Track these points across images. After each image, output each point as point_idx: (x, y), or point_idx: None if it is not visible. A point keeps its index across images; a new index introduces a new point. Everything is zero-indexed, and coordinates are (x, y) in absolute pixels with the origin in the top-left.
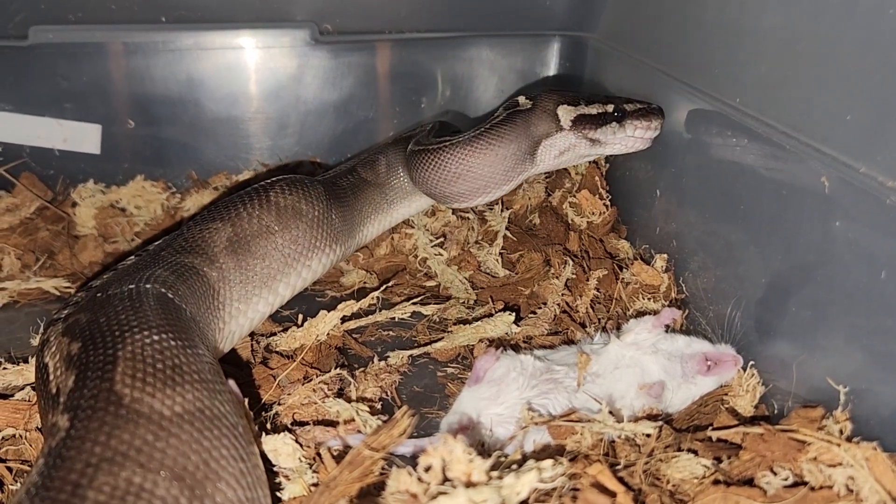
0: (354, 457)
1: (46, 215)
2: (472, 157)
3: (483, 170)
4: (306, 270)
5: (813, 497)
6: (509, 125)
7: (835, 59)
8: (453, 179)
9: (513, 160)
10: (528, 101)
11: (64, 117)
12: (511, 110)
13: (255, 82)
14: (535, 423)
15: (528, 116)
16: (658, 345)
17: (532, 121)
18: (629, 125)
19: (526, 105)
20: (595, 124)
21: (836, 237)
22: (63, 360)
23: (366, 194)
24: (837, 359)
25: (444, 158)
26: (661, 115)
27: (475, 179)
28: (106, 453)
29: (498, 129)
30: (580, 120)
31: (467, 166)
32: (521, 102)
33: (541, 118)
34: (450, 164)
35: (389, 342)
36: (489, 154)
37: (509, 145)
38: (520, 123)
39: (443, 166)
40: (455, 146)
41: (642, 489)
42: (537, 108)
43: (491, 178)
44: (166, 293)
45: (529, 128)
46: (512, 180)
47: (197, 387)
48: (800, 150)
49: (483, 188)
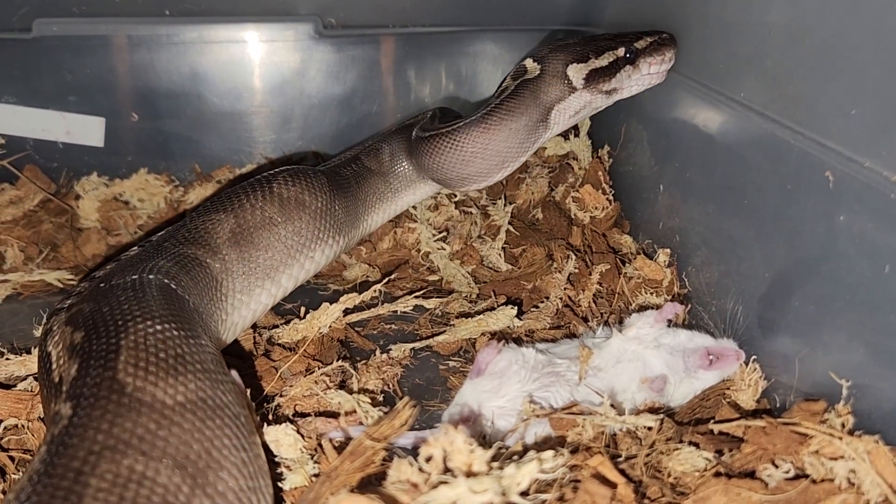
0: (356, 447)
1: (50, 208)
2: (487, 135)
3: (499, 145)
4: (309, 262)
5: (814, 490)
6: (519, 98)
7: (840, 54)
8: (470, 160)
9: (526, 131)
10: (536, 64)
11: (68, 110)
12: (519, 80)
13: (259, 76)
14: (537, 415)
15: (537, 84)
16: (660, 339)
17: (542, 88)
18: (644, 63)
19: (534, 71)
20: (609, 75)
21: (841, 232)
22: (66, 349)
23: (370, 183)
24: (840, 353)
25: (459, 140)
26: (674, 44)
27: (492, 156)
28: (108, 441)
29: (508, 102)
30: (593, 75)
31: (483, 144)
32: (528, 68)
33: (551, 84)
34: (466, 145)
35: (392, 335)
36: (503, 130)
37: (521, 117)
38: (529, 94)
39: (459, 148)
40: (469, 126)
41: (643, 481)
42: (546, 73)
43: (508, 153)
44: (169, 284)
45: (540, 96)
46: (528, 150)
47: (199, 376)
48: (804, 145)
49: (500, 164)
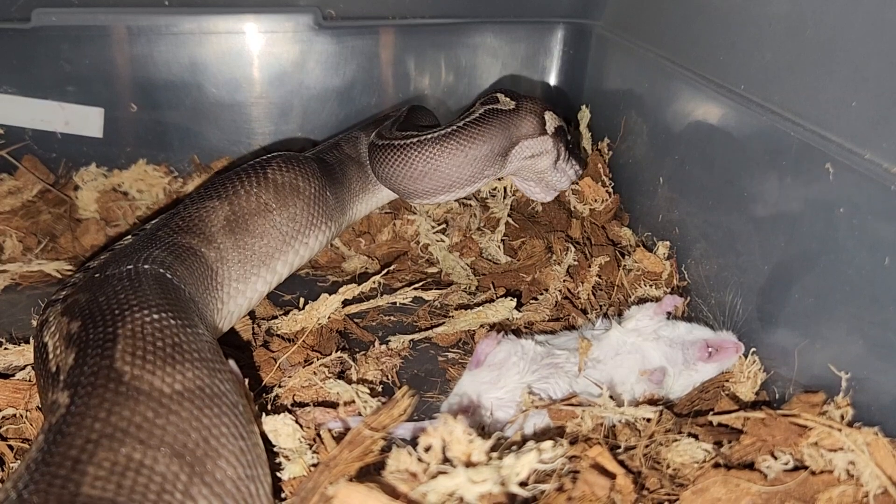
0: (354, 436)
1: (48, 198)
2: (441, 157)
3: (451, 170)
4: (304, 248)
5: (813, 481)
6: (487, 125)
7: (841, 46)
8: (419, 178)
9: (483, 162)
10: (510, 100)
11: (66, 100)
12: (489, 108)
13: (258, 67)
14: (536, 406)
15: (510, 116)
16: (659, 331)
17: (515, 121)
18: (572, 159)
19: (508, 104)
20: (566, 143)
21: (840, 224)
22: (63, 338)
23: (352, 171)
24: (839, 346)
25: (409, 156)
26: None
27: (441, 178)
28: (106, 429)
29: (473, 129)
30: (560, 131)
31: (434, 165)
32: (500, 100)
33: (525, 118)
34: (416, 163)
35: (391, 327)
36: (459, 154)
37: (483, 146)
38: (499, 124)
39: (408, 163)
40: (423, 144)
41: (642, 472)
42: (522, 108)
43: (458, 178)
44: (164, 273)
45: (510, 128)
46: (478, 181)
47: (197, 365)
48: (804, 137)
49: (448, 187)
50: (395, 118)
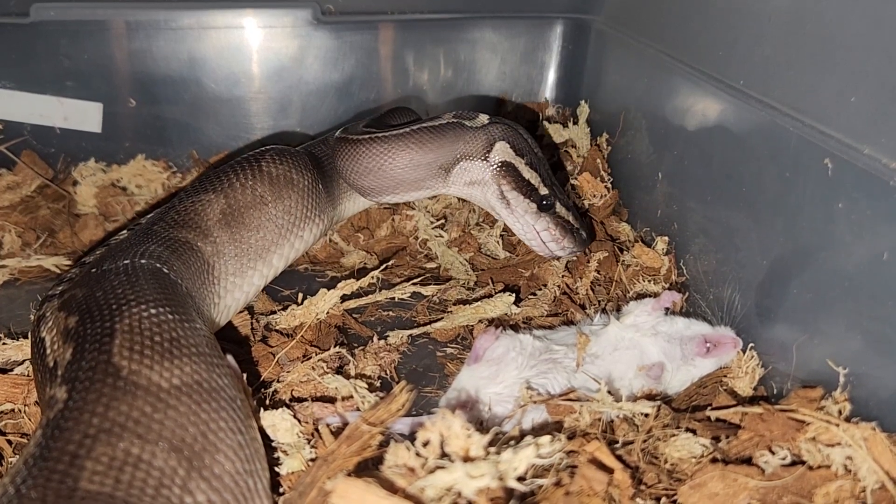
0: (352, 431)
1: (47, 193)
2: (386, 156)
3: (394, 171)
4: (299, 241)
5: (811, 476)
6: (436, 135)
7: (840, 41)
8: (364, 173)
9: (426, 169)
10: (486, 119)
11: (65, 95)
12: (454, 120)
13: (257, 62)
14: (534, 401)
15: (466, 131)
16: (657, 327)
17: (466, 137)
18: (543, 221)
19: (478, 123)
20: (517, 186)
21: (839, 219)
22: (60, 333)
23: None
24: (838, 341)
25: (359, 151)
26: (580, 244)
27: (384, 178)
28: (104, 424)
29: (421, 134)
30: (508, 168)
31: (379, 163)
32: (472, 117)
33: (475, 138)
34: (363, 158)
35: (389, 322)
36: (404, 157)
37: (427, 154)
38: (452, 135)
39: (356, 159)
40: (373, 141)
41: (640, 467)
42: (482, 130)
43: (401, 180)
44: (161, 268)
45: (459, 142)
46: (422, 189)
47: (195, 360)
48: (803, 132)
49: (392, 188)
50: (379, 115)
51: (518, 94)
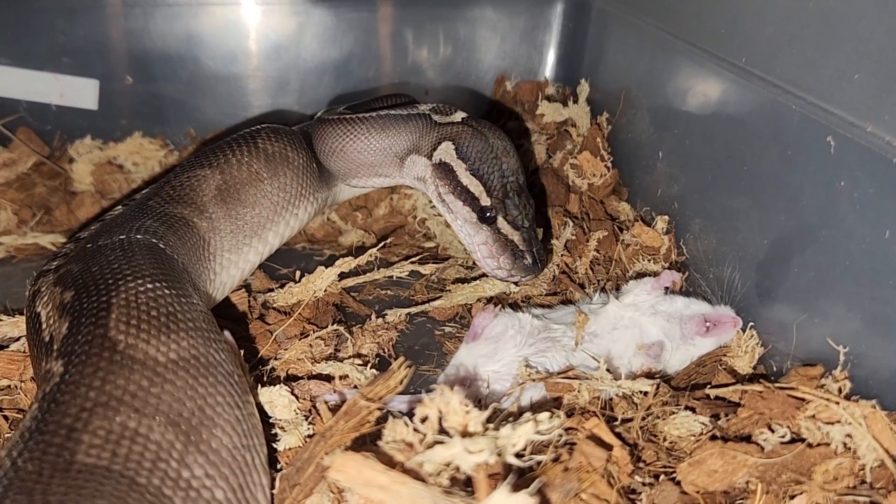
0: (350, 407)
1: (43, 171)
2: (347, 138)
3: (354, 154)
4: (294, 218)
5: (810, 454)
6: (398, 122)
7: (843, 19)
8: (330, 154)
9: (382, 155)
10: (459, 117)
11: (61, 72)
12: (425, 112)
13: (255, 40)
14: (533, 379)
15: (423, 127)
16: (657, 306)
17: (422, 131)
18: (483, 234)
19: (448, 119)
20: (453, 190)
21: (841, 197)
22: (56, 308)
23: None
24: (838, 320)
25: (326, 131)
26: (521, 269)
27: (346, 160)
28: (101, 398)
29: (384, 121)
30: (445, 170)
31: (341, 144)
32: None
33: (430, 133)
34: (329, 138)
35: (387, 301)
36: (362, 140)
37: (383, 140)
38: (410, 126)
39: (324, 138)
40: (338, 122)
41: (639, 444)
42: (442, 126)
43: (361, 163)
44: (157, 243)
45: (414, 135)
46: (381, 176)
47: (192, 334)
48: (806, 110)
49: (354, 171)
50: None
51: (518, 73)
